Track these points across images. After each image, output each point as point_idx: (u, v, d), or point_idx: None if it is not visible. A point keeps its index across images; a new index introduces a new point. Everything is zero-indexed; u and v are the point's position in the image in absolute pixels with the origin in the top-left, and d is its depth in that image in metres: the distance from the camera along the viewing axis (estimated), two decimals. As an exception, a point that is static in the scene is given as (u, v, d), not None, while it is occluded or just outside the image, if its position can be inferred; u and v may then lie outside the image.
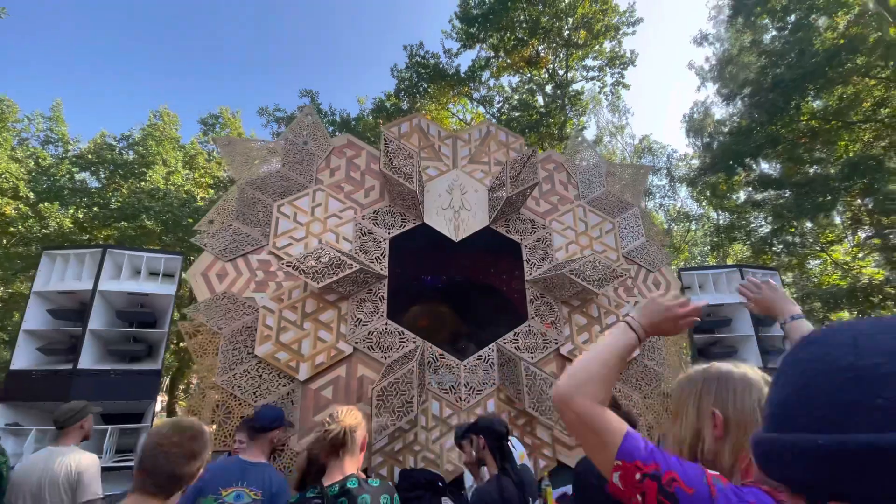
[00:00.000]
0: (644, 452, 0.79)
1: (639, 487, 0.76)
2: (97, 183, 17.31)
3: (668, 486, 0.74)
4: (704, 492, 0.73)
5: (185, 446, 1.26)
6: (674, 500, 0.73)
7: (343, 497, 1.58)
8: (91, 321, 4.32)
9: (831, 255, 11.81)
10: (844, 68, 9.05)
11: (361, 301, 4.61)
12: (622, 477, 0.79)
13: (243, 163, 4.91)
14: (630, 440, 0.81)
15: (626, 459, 0.79)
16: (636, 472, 0.77)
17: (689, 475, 0.75)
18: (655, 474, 0.75)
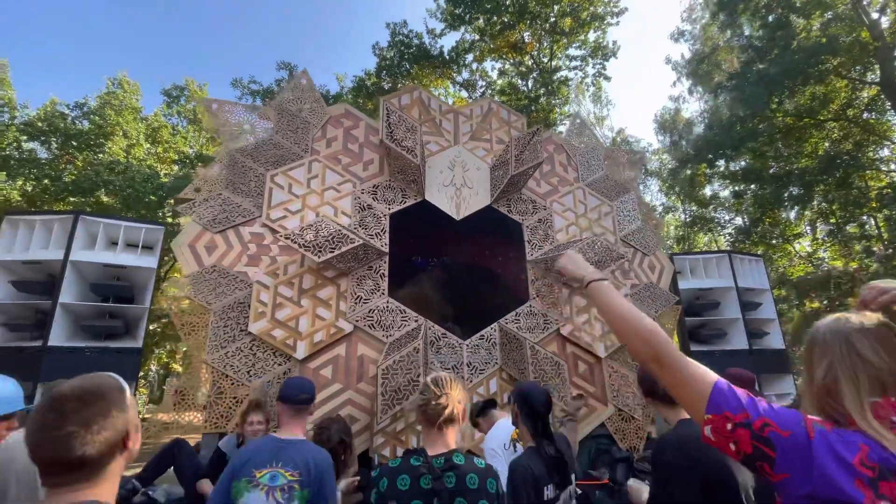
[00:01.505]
0: (732, 403, 0.81)
1: (731, 436, 0.79)
2: (47, 153, 15.96)
3: (761, 432, 0.77)
4: (801, 433, 0.75)
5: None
6: (768, 443, 0.76)
7: (450, 472, 1.45)
8: (62, 294, 3.93)
9: (795, 247, 12.49)
10: (822, 67, 9.47)
11: (361, 278, 4.41)
12: (713, 429, 0.81)
13: (232, 128, 4.56)
14: (717, 394, 0.82)
15: (714, 413, 0.81)
16: (726, 422, 0.80)
17: (784, 419, 0.77)
18: (747, 422, 0.78)
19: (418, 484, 1.43)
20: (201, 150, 18.79)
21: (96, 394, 0.93)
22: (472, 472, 1.47)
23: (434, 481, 1.43)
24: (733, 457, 0.80)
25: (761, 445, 0.76)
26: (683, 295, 5.72)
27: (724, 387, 0.83)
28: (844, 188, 10.10)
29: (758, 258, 6.25)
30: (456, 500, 1.41)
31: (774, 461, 0.76)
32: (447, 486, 1.42)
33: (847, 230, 11.64)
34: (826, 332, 0.89)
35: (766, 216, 11.85)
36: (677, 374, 0.88)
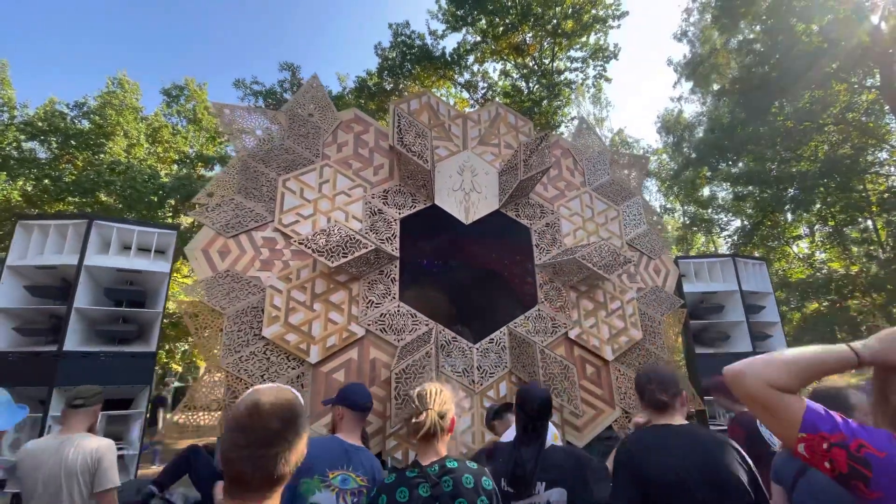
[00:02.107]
0: (828, 423, 0.85)
1: (826, 455, 0.83)
2: (47, 153, 15.89)
3: (857, 452, 0.80)
4: (895, 454, 0.79)
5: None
6: (865, 463, 0.79)
7: (446, 476, 1.51)
8: (77, 299, 3.95)
9: (794, 249, 12.61)
10: (823, 71, 9.56)
11: (373, 282, 4.45)
12: (808, 448, 0.85)
13: (243, 132, 4.59)
14: (812, 413, 0.87)
15: (810, 432, 0.85)
16: (822, 442, 0.83)
17: (877, 439, 0.81)
18: (843, 443, 0.82)
19: (418, 493, 1.48)
20: (201, 149, 18.77)
21: (293, 413, 0.96)
22: (466, 473, 1.53)
23: (432, 488, 1.47)
24: (828, 474, 0.84)
25: (858, 465, 0.80)
26: (688, 298, 5.78)
27: (819, 408, 0.88)
28: (845, 191, 10.22)
29: (761, 262, 6.32)
30: (457, 501, 1.46)
31: (870, 480, 0.79)
32: (446, 491, 1.47)
33: (846, 233, 11.76)
34: None
35: (767, 219, 11.95)
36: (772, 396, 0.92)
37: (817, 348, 0.93)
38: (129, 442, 4.06)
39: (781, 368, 0.91)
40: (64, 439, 2.37)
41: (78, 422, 2.48)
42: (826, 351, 0.92)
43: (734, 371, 0.97)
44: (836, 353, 0.91)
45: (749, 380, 0.93)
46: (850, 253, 11.37)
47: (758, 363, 0.94)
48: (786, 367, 0.90)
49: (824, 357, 0.91)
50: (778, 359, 0.93)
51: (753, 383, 0.92)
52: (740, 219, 13.59)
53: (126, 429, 4.15)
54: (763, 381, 0.91)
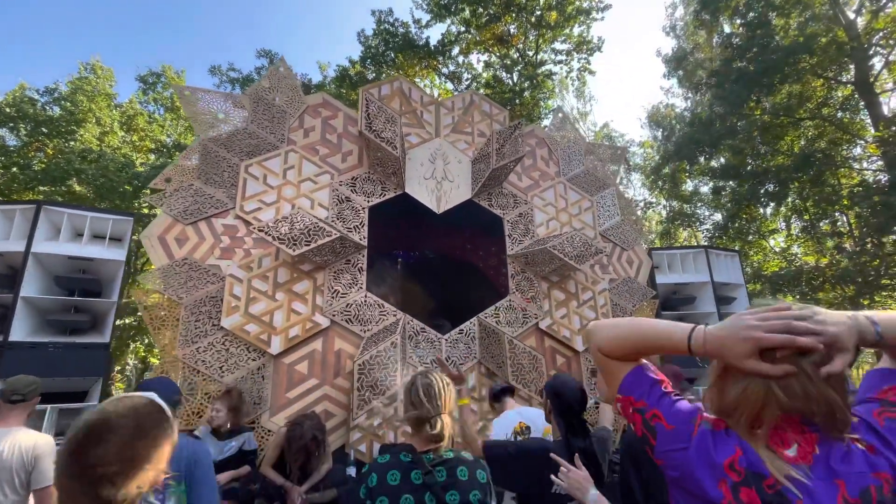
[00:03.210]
0: (640, 390, 0.89)
1: (630, 418, 0.90)
2: (16, 141, 15.31)
3: (650, 421, 0.86)
4: (684, 430, 0.82)
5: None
6: (653, 431, 0.85)
7: (440, 466, 1.45)
8: (24, 287, 3.77)
9: (770, 243, 12.78)
10: (799, 66, 9.64)
11: (339, 272, 4.34)
12: (621, 407, 0.92)
13: (205, 116, 4.42)
14: (631, 377, 0.91)
15: (623, 394, 0.91)
16: (629, 406, 0.90)
17: (676, 414, 0.84)
18: (641, 410, 0.87)
19: (409, 478, 1.43)
20: (179, 138, 18.30)
21: (140, 430, 0.84)
22: (461, 464, 1.48)
23: (425, 476, 1.42)
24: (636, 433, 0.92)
25: (647, 433, 0.86)
26: (661, 289, 5.79)
27: (644, 373, 0.91)
28: (818, 185, 10.37)
29: (734, 253, 6.37)
30: (448, 493, 1.41)
31: (654, 448, 0.86)
32: (438, 480, 1.42)
33: (820, 227, 11.97)
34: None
35: (743, 212, 12.11)
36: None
37: (663, 325, 0.90)
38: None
39: (612, 339, 0.93)
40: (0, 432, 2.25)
41: (14, 416, 2.36)
42: (664, 330, 0.89)
43: (588, 329, 1.02)
44: (669, 334, 0.87)
45: (591, 342, 0.98)
46: (824, 246, 11.59)
47: (599, 327, 0.97)
48: (617, 339, 0.93)
49: (657, 337, 0.90)
50: (616, 328, 0.95)
51: (592, 345, 0.98)
52: (720, 213, 13.77)
53: (79, 423, 3.99)
54: (595, 345, 0.96)
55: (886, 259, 8.62)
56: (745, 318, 0.79)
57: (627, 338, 0.92)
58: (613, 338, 0.93)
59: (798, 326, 0.74)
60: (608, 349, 0.93)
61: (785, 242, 13.95)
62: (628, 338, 0.92)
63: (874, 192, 8.86)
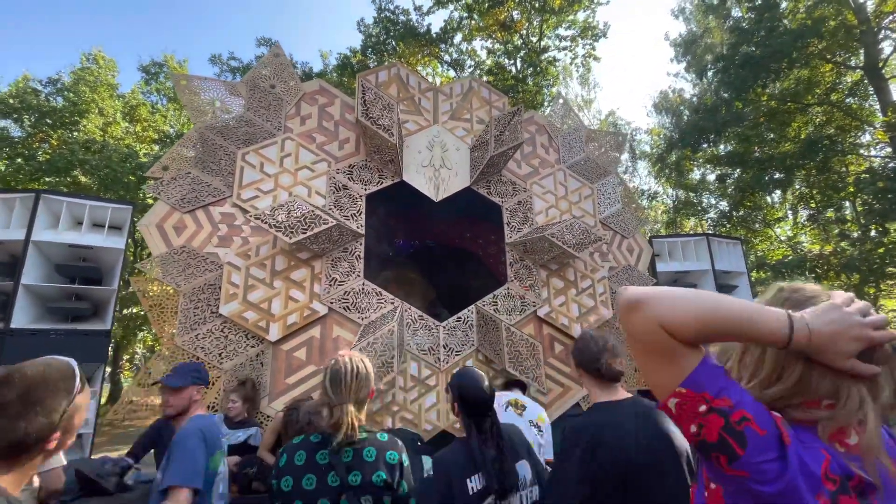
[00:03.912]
0: (717, 385, 0.71)
1: (699, 418, 0.71)
2: (20, 132, 15.37)
3: (737, 425, 0.68)
4: (775, 434, 0.68)
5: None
6: (741, 438, 0.68)
7: (348, 447, 1.48)
8: (25, 275, 3.81)
9: (776, 231, 12.64)
10: (807, 51, 9.44)
11: (336, 260, 4.35)
12: (679, 405, 0.73)
13: (202, 104, 4.41)
14: (704, 371, 0.72)
15: (691, 389, 0.72)
16: (701, 403, 0.71)
17: (764, 417, 0.70)
18: (724, 410, 0.69)
19: (314, 458, 1.45)
20: (182, 128, 18.30)
21: (33, 383, 0.93)
22: (370, 446, 1.50)
23: (331, 456, 1.45)
24: (687, 436, 0.74)
25: (730, 439, 0.68)
26: (661, 277, 5.76)
27: (714, 366, 0.74)
28: (824, 173, 10.20)
29: (736, 241, 6.30)
30: (351, 474, 1.43)
31: (739, 458, 0.68)
32: (344, 461, 1.45)
33: (826, 215, 11.81)
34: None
35: (747, 200, 11.96)
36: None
37: (742, 303, 0.74)
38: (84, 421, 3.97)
39: (688, 314, 0.71)
40: None
41: None
42: (752, 310, 0.72)
43: (631, 297, 0.75)
44: (764, 319, 0.71)
45: (641, 314, 0.73)
46: (830, 234, 11.45)
47: (663, 297, 0.74)
48: (696, 315, 0.71)
49: (746, 317, 0.72)
50: (688, 300, 0.73)
51: (644, 319, 0.73)
52: (726, 201, 13.61)
53: (82, 408, 4.06)
54: (656, 318, 0.72)
55: (891, 247, 8.51)
56: (849, 313, 0.71)
57: (708, 315, 0.72)
58: (688, 312, 0.72)
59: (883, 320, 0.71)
60: (677, 325, 0.71)
61: (791, 231, 13.80)
62: (709, 315, 0.72)
63: (879, 178, 8.72)
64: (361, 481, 1.42)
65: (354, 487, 1.41)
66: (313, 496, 1.39)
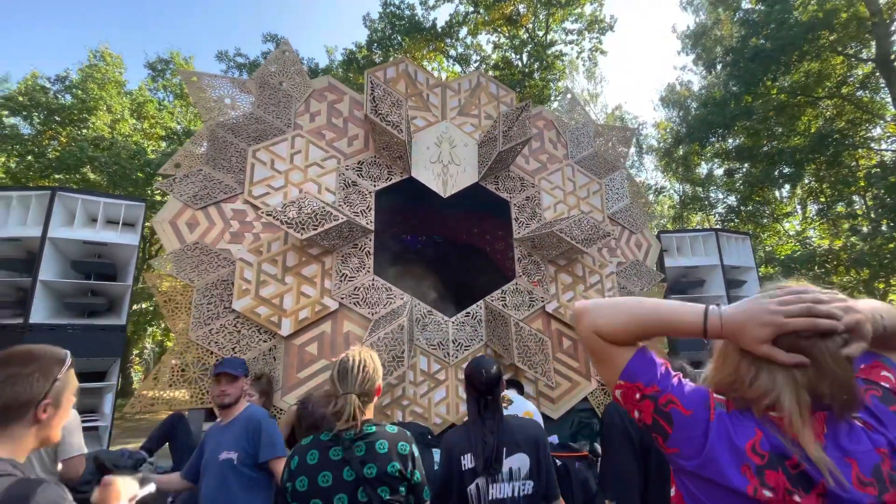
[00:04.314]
0: (648, 375, 0.82)
1: (636, 405, 0.82)
2: (30, 129, 15.52)
3: (664, 407, 0.79)
4: (703, 414, 0.77)
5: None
6: (668, 419, 0.79)
7: (360, 441, 1.50)
8: (42, 272, 3.88)
9: (785, 226, 12.56)
10: (818, 43, 9.31)
11: (346, 256, 4.39)
12: (623, 394, 0.85)
13: (212, 102, 4.44)
14: (636, 362, 0.84)
15: (627, 380, 0.84)
16: (635, 391, 0.83)
17: (691, 399, 0.79)
18: (654, 396, 0.80)
19: (328, 456, 1.48)
20: (189, 125, 18.40)
21: (24, 355, 1.04)
22: (382, 438, 1.53)
23: (345, 451, 1.48)
24: (637, 423, 0.84)
25: (661, 420, 0.79)
26: (669, 273, 5.76)
27: (649, 358, 0.84)
28: (834, 167, 10.09)
29: (744, 236, 6.28)
30: (366, 466, 1.46)
31: (669, 436, 0.78)
32: (357, 455, 1.47)
33: (836, 209, 11.70)
34: None
35: (756, 195, 11.86)
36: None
37: (661, 304, 0.84)
38: (101, 414, 4.06)
39: (614, 320, 0.84)
40: None
41: None
42: (671, 309, 0.83)
43: (575, 309, 0.90)
44: (681, 316, 0.81)
45: (581, 324, 0.88)
46: (840, 229, 11.35)
47: (594, 309, 0.87)
48: (620, 320, 0.84)
49: (666, 317, 0.82)
50: (618, 308, 0.86)
51: (583, 328, 0.88)
52: (734, 196, 13.50)
53: (99, 401, 4.15)
54: (591, 328, 0.86)
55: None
56: (764, 302, 0.77)
57: (632, 319, 0.83)
58: (615, 319, 0.84)
59: (819, 310, 0.73)
60: (607, 331, 0.84)
61: (800, 225, 13.68)
62: (633, 319, 0.83)
63: (891, 172, 8.62)
64: (377, 473, 1.45)
65: (370, 480, 1.44)
66: (331, 492, 1.42)
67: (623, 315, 0.84)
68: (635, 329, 0.84)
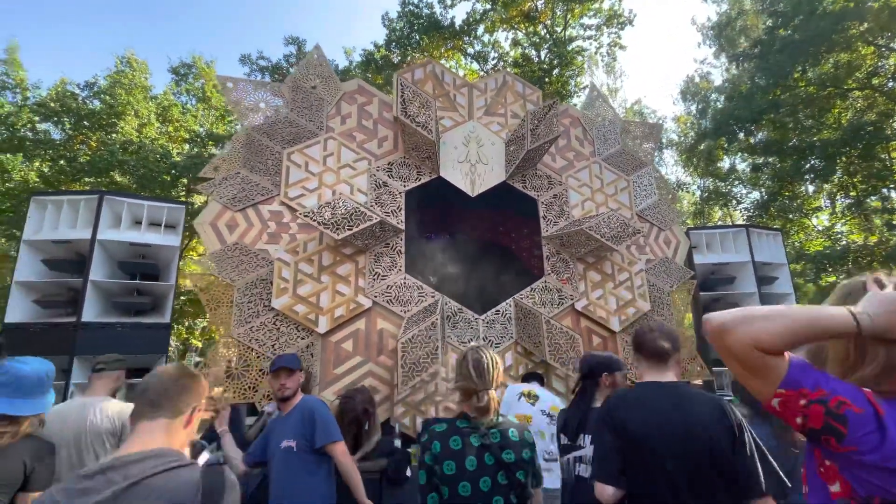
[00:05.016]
0: (811, 380, 0.83)
1: (801, 411, 0.82)
2: (60, 134, 16.07)
3: (836, 409, 0.80)
4: (871, 410, 0.80)
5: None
6: (843, 420, 0.79)
7: (494, 429, 1.62)
8: (92, 272, 4.06)
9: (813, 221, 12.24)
10: (849, 34, 9.04)
11: (379, 255, 4.48)
12: (782, 403, 0.84)
13: (247, 106, 4.58)
14: (795, 370, 0.84)
15: (790, 388, 0.83)
16: (800, 398, 0.82)
17: (857, 397, 0.81)
18: (822, 399, 0.81)
19: (470, 442, 1.59)
20: (211, 128, 18.80)
21: (191, 372, 1.35)
22: (511, 427, 1.66)
23: (482, 438, 1.60)
24: (795, 427, 0.85)
25: (834, 422, 0.79)
26: (699, 270, 5.71)
27: (803, 363, 0.85)
28: (867, 160, 9.79)
29: (776, 232, 6.17)
30: (504, 452, 1.58)
31: (844, 437, 0.79)
32: (494, 442, 1.59)
33: (868, 203, 11.36)
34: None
35: (785, 189, 11.58)
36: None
37: (811, 309, 0.85)
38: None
39: (774, 332, 0.83)
40: (86, 402, 2.49)
41: (99, 386, 2.60)
42: (821, 314, 0.84)
43: (717, 323, 0.87)
44: (834, 319, 0.83)
45: (733, 338, 0.85)
46: (872, 224, 11.02)
47: (747, 320, 0.85)
48: (777, 330, 0.83)
49: (821, 322, 0.83)
50: (779, 319, 0.84)
51: (738, 342, 0.84)
52: (758, 191, 13.21)
53: (145, 396, 4.32)
54: (749, 341, 0.83)
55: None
56: (890, 293, 0.85)
57: (792, 330, 0.83)
58: (775, 329, 0.83)
59: None
60: (770, 343, 0.83)
61: (829, 220, 13.32)
62: (793, 330, 0.83)
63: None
64: (515, 458, 1.58)
65: (509, 464, 1.57)
66: (476, 475, 1.55)
67: (783, 326, 0.83)
68: (794, 338, 0.83)
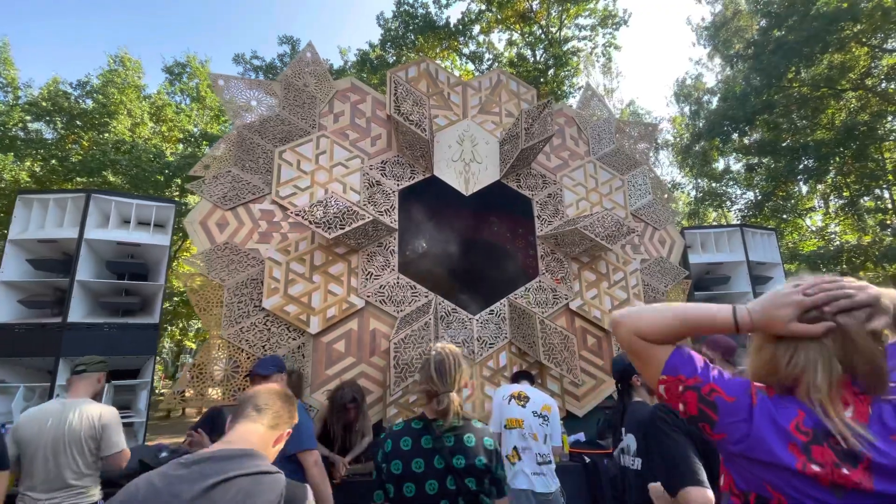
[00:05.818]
0: (688, 368, 0.89)
1: (680, 397, 0.88)
2: (52, 134, 15.91)
3: (708, 396, 0.85)
4: (744, 400, 0.83)
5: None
6: (713, 407, 0.84)
7: (449, 432, 1.56)
8: (79, 272, 3.99)
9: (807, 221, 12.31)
10: (842, 35, 9.09)
11: (372, 255, 4.43)
12: (666, 389, 0.91)
13: (239, 104, 4.52)
14: (675, 358, 0.91)
15: (669, 375, 0.90)
16: (678, 384, 0.89)
17: (732, 387, 0.85)
18: (696, 386, 0.87)
19: (420, 444, 1.55)
20: (206, 128, 18.67)
21: (290, 396, 1.42)
22: (469, 432, 1.59)
23: (434, 441, 1.55)
24: (681, 415, 0.91)
25: (706, 408, 0.85)
26: (693, 269, 5.69)
27: (686, 353, 0.92)
28: (861, 160, 9.84)
29: (770, 232, 6.18)
30: (455, 457, 1.52)
31: (716, 423, 0.84)
32: (447, 445, 1.54)
33: (861, 203, 11.43)
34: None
35: (779, 190, 11.63)
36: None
37: (699, 306, 0.93)
38: (136, 410, 4.16)
39: (652, 323, 0.93)
40: (66, 404, 2.42)
41: (80, 388, 2.54)
42: (706, 310, 0.92)
43: (613, 318, 1.00)
44: (715, 315, 0.90)
45: (622, 329, 0.96)
46: (865, 224, 11.09)
47: (633, 315, 0.96)
48: (657, 323, 0.92)
49: (701, 316, 0.91)
50: (653, 313, 0.95)
51: (625, 333, 0.95)
52: (753, 191, 13.26)
53: (134, 398, 4.26)
54: (632, 332, 0.94)
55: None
56: (781, 289, 0.87)
57: (674, 321, 0.92)
58: (657, 322, 0.93)
59: (832, 286, 0.81)
60: (650, 333, 0.93)
61: (823, 221, 13.40)
62: (674, 321, 0.92)
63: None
64: (465, 464, 1.52)
65: (459, 470, 1.51)
66: (422, 478, 1.51)
67: (664, 318, 0.92)
68: (676, 329, 0.91)
